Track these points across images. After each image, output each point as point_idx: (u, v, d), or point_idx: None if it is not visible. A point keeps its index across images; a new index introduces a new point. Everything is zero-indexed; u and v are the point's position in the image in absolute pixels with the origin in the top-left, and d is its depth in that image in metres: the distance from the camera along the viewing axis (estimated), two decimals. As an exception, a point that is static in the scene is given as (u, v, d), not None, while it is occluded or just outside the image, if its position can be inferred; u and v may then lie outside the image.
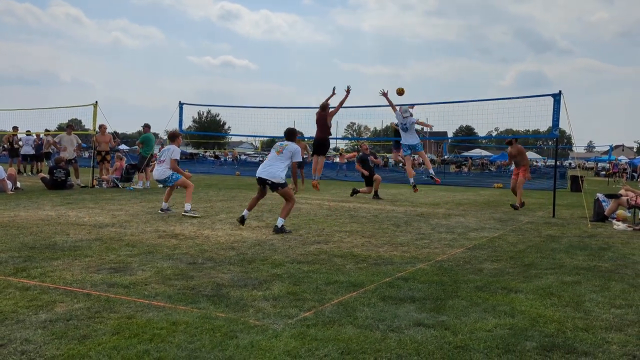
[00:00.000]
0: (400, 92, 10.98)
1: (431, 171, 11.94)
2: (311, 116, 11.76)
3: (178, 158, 8.95)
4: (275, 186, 7.26)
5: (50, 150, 19.60)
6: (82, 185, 14.38)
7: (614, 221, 9.07)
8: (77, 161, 15.09)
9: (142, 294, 3.95)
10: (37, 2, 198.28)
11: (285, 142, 7.49)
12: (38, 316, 3.38)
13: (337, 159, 33.41)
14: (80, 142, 15.81)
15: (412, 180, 11.68)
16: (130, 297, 3.87)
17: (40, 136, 20.34)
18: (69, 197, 11.16)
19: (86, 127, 20.17)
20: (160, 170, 9.02)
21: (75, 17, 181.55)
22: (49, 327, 3.18)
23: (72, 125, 16.52)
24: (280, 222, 7.10)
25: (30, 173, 19.99)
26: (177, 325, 3.29)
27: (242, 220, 7.52)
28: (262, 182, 7.37)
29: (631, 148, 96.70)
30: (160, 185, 15.49)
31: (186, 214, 8.49)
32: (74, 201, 10.31)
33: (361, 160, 14.38)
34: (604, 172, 42.40)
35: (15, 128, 19.80)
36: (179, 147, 9.18)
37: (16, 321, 3.27)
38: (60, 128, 19.96)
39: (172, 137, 9.62)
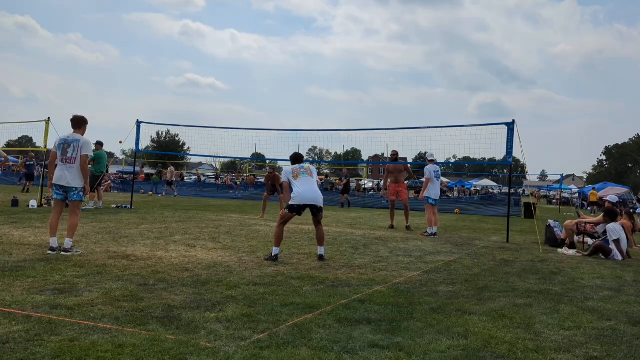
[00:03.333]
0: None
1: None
2: (274, 138, 11.79)
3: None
4: (320, 209, 7.08)
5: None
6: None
7: (564, 248, 9.27)
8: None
9: (87, 316, 3.76)
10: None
11: (306, 165, 7.35)
12: (-29, 339, 3.16)
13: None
14: (7, 156, 15.36)
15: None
16: (74, 319, 3.68)
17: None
18: (14, 216, 10.67)
19: (37, 144, 19.51)
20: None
21: (32, 28, 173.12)
22: (-18, 351, 2.97)
23: None
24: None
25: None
26: (124, 347, 3.14)
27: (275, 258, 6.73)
28: (310, 207, 6.99)
29: (581, 178, 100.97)
30: (114, 206, 15.07)
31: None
32: (20, 220, 9.87)
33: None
34: (555, 200, 44.00)
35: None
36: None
37: (-54, 344, 3.05)
38: (9, 145, 19.27)
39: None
